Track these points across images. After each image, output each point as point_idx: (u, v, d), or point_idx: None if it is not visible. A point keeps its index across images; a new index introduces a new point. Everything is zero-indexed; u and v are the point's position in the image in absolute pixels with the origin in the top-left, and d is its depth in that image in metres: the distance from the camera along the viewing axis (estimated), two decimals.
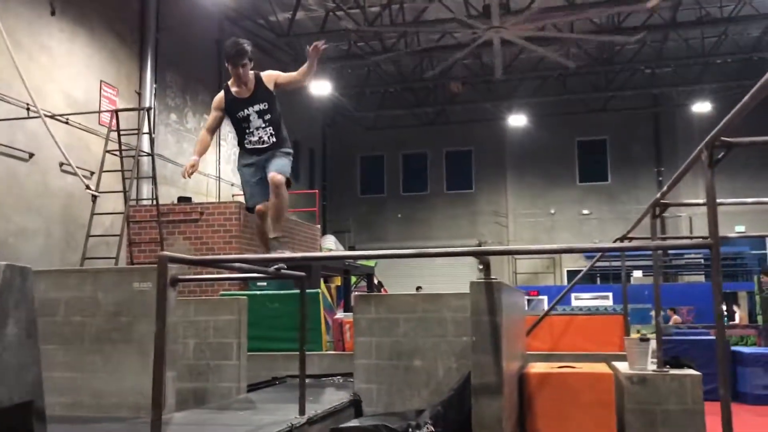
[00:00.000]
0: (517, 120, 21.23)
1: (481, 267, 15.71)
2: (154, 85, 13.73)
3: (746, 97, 2.56)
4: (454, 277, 18.76)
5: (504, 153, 23.23)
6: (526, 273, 22.71)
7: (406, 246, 22.94)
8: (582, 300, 19.88)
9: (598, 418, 3.51)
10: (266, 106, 4.76)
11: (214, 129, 4.98)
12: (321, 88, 17.75)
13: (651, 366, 3.93)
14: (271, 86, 4.78)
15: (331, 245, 18.77)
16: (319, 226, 15.90)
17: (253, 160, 4.77)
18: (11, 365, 2.80)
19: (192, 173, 4.64)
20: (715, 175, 3.07)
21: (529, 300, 20.01)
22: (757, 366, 9.12)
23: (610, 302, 19.60)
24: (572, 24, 16.38)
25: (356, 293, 4.99)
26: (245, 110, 4.76)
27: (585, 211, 22.50)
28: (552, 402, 3.82)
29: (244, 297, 5.67)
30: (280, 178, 4.55)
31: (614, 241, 7.63)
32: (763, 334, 13.83)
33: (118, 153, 9.18)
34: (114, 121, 9.29)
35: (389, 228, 23.64)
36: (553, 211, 22.76)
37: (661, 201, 4.65)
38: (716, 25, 16.72)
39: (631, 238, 6.34)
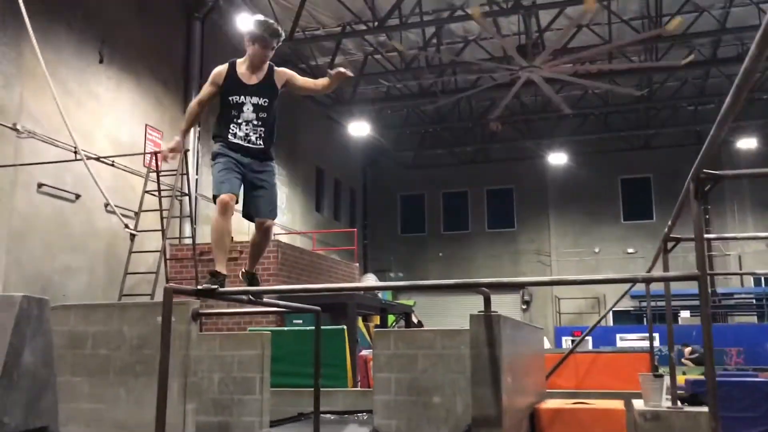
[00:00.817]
0: (558, 158, 21.15)
1: (524, 306, 15.57)
2: (198, 128, 14.19)
3: (713, 130, 2.60)
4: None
5: (545, 191, 23.12)
6: (571, 313, 22.33)
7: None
8: (627, 341, 19.47)
9: None
10: (266, 103, 4.35)
11: (205, 104, 4.49)
12: (360, 129, 18.06)
13: (665, 403, 3.87)
14: (280, 84, 4.41)
15: (371, 284, 18.86)
16: (357, 264, 16.05)
17: (238, 158, 4.26)
18: (28, 391, 2.95)
19: (173, 157, 4.41)
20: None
21: (572, 341, 19.68)
22: None
23: (656, 343, 19.09)
24: (610, 59, 16.40)
25: (376, 330, 5.05)
26: (242, 98, 4.31)
27: (630, 250, 22.12)
28: None
29: (268, 332, 5.78)
30: (273, 223, 4.34)
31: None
32: None
33: (157, 193, 9.49)
34: (154, 162, 9.63)
35: (430, 267, 23.62)
36: (597, 250, 22.45)
37: (670, 236, 4.62)
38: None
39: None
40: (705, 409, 3.85)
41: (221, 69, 4.40)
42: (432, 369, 4.98)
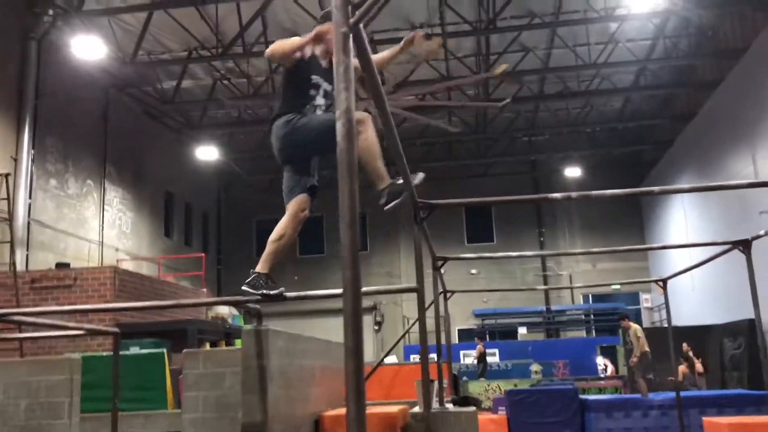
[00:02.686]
0: (419, 177, 22.03)
1: (377, 327, 16.06)
2: (32, 151, 13.66)
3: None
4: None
5: (397, 215, 24.00)
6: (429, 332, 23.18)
7: (302, 309, 23.16)
8: (469, 357, 20.51)
9: None
10: (331, 89, 4.05)
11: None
12: (208, 153, 18.04)
13: (435, 405, 4.37)
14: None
15: (224, 310, 18.71)
16: (205, 290, 15.94)
17: None
18: None
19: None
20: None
21: None
22: (599, 411, 9.80)
23: (496, 358, 20.32)
24: (449, 96, 17.47)
25: (186, 351, 5.21)
26: (321, 80, 4.11)
27: (473, 271, 23.37)
28: None
29: (78, 357, 5.81)
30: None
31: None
32: (628, 383, 14.71)
33: None
34: None
35: (286, 291, 23.74)
36: (443, 271, 23.51)
37: (437, 256, 5.23)
38: (579, 98, 18.21)
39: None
40: (467, 409, 4.39)
41: (289, 41, 3.96)
42: (238, 386, 5.23)
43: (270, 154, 17.19)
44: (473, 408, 4.35)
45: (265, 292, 4.07)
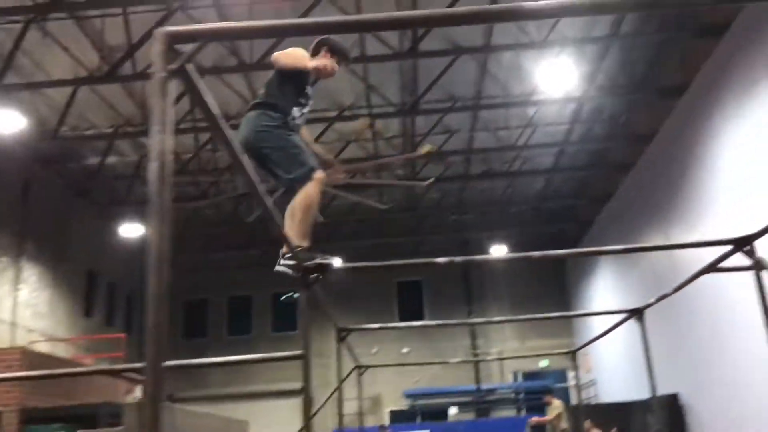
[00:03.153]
0: (336, 261, 22.04)
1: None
2: None
3: None
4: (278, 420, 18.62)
5: (329, 294, 23.82)
6: (350, 414, 22.69)
7: (228, 393, 22.45)
8: None
9: None
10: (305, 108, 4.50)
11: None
12: (133, 230, 17.71)
13: None
14: None
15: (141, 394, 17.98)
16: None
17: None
18: None
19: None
20: None
21: None
22: None
23: None
24: (379, 176, 17.81)
25: None
26: (309, 94, 4.47)
27: (405, 350, 23.25)
28: None
29: None
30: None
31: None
32: None
33: None
34: None
35: (211, 373, 23.05)
36: (375, 351, 23.31)
37: (341, 326, 5.25)
38: (503, 178, 18.83)
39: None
40: None
41: (298, 51, 4.27)
42: None
43: (198, 232, 16.97)
44: None
45: (319, 261, 4.09)
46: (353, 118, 15.13)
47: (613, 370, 18.32)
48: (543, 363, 22.25)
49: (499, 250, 21.45)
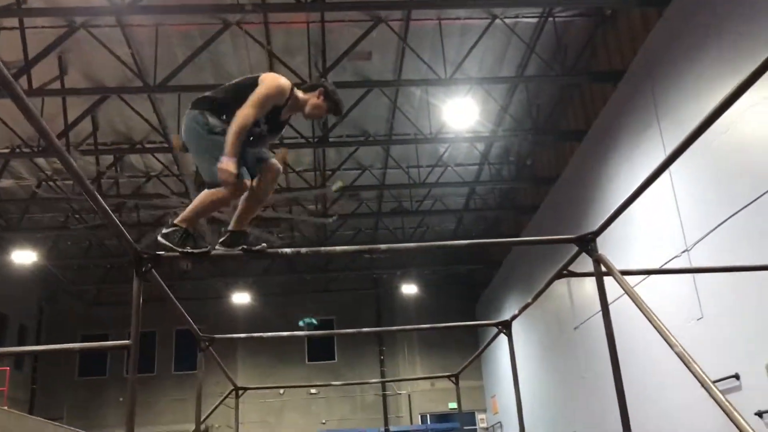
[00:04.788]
0: (241, 298, 21.60)
1: None
2: None
3: None
4: None
5: (235, 332, 23.16)
6: None
7: None
8: None
9: None
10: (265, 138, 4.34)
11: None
12: (25, 257, 16.80)
13: None
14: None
15: None
16: (5, 407, 14.28)
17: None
18: None
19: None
20: None
21: None
22: None
23: None
24: (291, 209, 17.61)
25: None
26: (263, 122, 4.22)
27: (313, 391, 22.76)
28: None
29: None
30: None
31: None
32: None
33: None
34: None
35: (109, 413, 21.87)
36: (282, 392, 22.72)
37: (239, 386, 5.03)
38: (414, 216, 18.96)
39: None
40: None
41: (285, 88, 4.16)
42: None
43: (97, 263, 16.11)
44: None
45: (189, 250, 3.96)
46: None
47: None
48: (452, 405, 22.17)
49: (409, 289, 21.48)
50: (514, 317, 4.90)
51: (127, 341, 3.37)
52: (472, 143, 15.42)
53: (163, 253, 3.75)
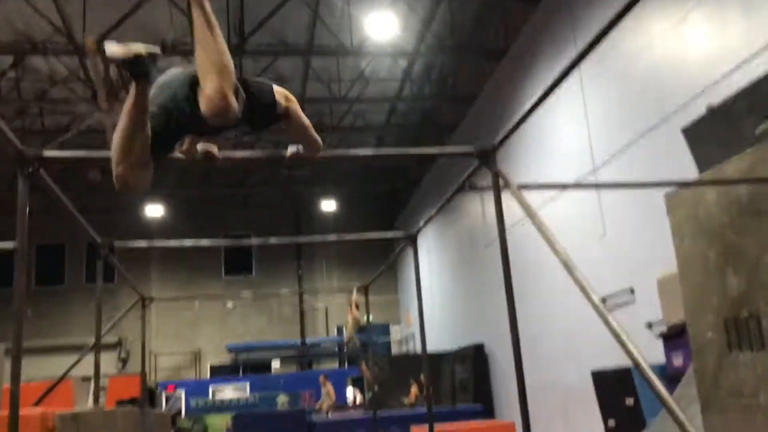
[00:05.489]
0: (155, 210, 21.16)
1: (121, 364, 14.73)
2: None
3: None
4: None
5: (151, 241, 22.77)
6: (169, 369, 22.03)
7: (39, 345, 20.86)
8: (221, 392, 19.83)
9: None
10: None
11: None
12: None
13: (90, 405, 3.99)
14: None
15: None
16: None
17: None
18: None
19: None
20: None
21: (167, 397, 19.35)
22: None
23: (247, 392, 19.87)
24: None
25: None
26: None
27: (229, 305, 22.83)
28: None
29: None
30: None
31: None
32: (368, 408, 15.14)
33: None
34: None
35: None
36: (197, 305, 22.69)
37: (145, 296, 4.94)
38: (335, 133, 18.78)
39: None
40: (127, 408, 4.04)
41: None
42: None
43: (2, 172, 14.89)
44: (132, 407, 4.02)
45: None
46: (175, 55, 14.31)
47: (428, 324, 19.04)
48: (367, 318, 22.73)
49: (329, 205, 21.53)
50: (419, 230, 4.99)
51: (13, 244, 3.22)
52: (394, 58, 15.22)
53: (52, 153, 3.54)
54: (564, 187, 8.85)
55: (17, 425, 3.04)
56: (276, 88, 3.27)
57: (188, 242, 5.68)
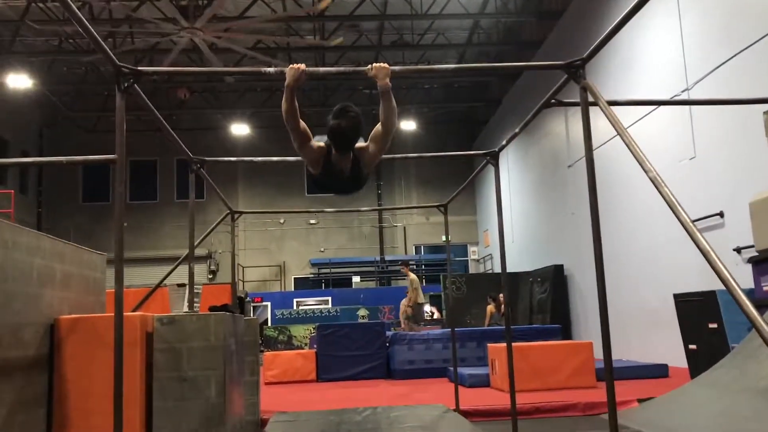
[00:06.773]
0: (240, 129, 21.63)
1: (211, 276, 15.50)
2: None
3: None
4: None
5: (235, 162, 23.43)
6: (255, 281, 23.02)
7: (134, 257, 22.16)
8: (305, 305, 20.65)
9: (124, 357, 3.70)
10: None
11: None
12: (18, 81, 16.60)
13: (185, 310, 4.27)
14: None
15: None
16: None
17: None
18: None
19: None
20: None
21: (255, 307, 20.34)
22: (402, 344, 10.17)
23: (329, 305, 20.61)
24: (288, 43, 17.13)
25: None
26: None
27: (312, 221, 23.42)
28: (80, 345, 4.00)
29: None
30: None
31: None
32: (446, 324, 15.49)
33: None
34: None
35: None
36: (282, 221, 23.39)
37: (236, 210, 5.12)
38: (415, 51, 18.49)
39: None
40: (216, 313, 4.32)
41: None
42: None
43: (95, 90, 15.91)
44: (223, 313, 4.28)
45: None
46: None
47: (507, 244, 19.04)
48: (444, 238, 22.92)
49: (408, 125, 21.44)
50: (501, 148, 4.93)
51: (113, 155, 3.41)
52: None
53: (144, 69, 3.69)
54: (656, 104, 8.51)
55: (122, 325, 3.30)
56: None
57: (274, 159, 5.80)
